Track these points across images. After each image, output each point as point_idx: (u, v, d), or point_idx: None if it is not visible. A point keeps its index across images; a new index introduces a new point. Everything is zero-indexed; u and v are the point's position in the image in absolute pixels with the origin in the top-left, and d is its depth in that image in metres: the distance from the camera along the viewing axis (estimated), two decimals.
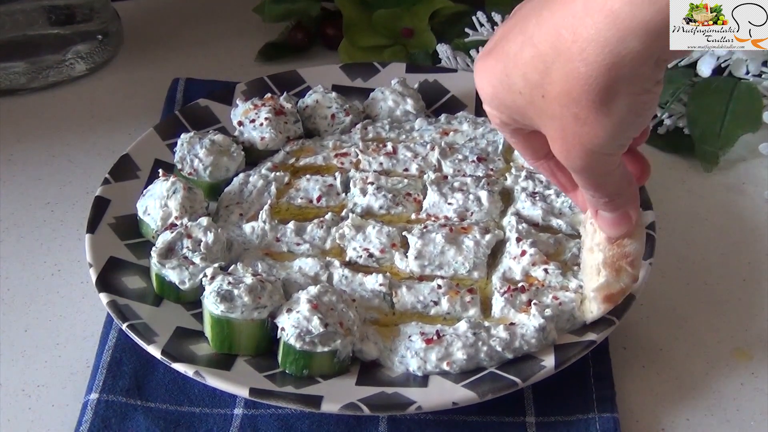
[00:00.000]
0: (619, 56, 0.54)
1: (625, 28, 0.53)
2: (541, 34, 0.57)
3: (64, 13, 1.14)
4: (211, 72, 1.13)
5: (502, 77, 0.61)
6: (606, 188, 0.65)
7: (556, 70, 0.57)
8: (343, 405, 0.70)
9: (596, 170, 0.62)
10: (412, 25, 1.14)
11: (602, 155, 0.60)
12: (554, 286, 0.78)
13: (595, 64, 0.55)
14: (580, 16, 0.54)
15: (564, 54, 0.56)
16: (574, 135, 0.59)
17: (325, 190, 0.88)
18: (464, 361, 0.73)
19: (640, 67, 0.55)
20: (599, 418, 0.74)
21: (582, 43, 0.55)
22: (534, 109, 0.60)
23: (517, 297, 0.77)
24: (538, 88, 0.59)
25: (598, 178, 0.64)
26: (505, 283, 0.78)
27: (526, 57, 0.58)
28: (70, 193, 0.97)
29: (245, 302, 0.74)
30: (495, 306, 0.77)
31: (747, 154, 1.02)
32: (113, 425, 0.74)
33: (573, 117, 0.58)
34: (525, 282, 0.78)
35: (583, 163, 0.61)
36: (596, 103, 0.56)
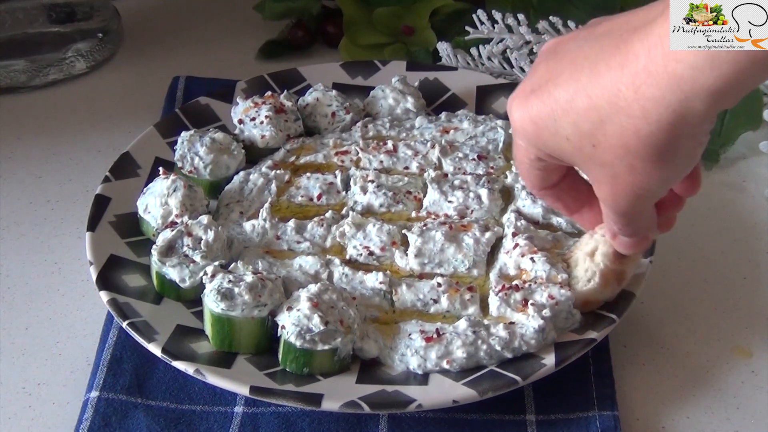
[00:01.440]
0: (682, 116, 0.54)
1: (688, 90, 0.53)
2: (596, 88, 0.57)
3: (65, 11, 1.14)
4: (211, 70, 1.13)
5: (549, 122, 0.60)
6: (634, 226, 0.67)
7: (613, 124, 0.57)
8: (344, 403, 0.70)
9: (633, 212, 0.63)
10: (413, 23, 1.14)
11: (647, 200, 0.62)
12: (541, 276, 0.77)
13: (658, 123, 0.55)
14: (642, 76, 0.54)
15: (624, 110, 0.56)
16: (626, 183, 0.60)
17: (326, 188, 0.88)
18: (464, 359, 0.73)
19: (701, 126, 0.55)
20: (599, 416, 0.74)
21: (644, 101, 0.55)
22: (580, 156, 0.61)
23: (512, 296, 0.76)
24: (590, 138, 0.59)
25: (631, 218, 0.65)
26: (500, 281, 0.78)
27: (579, 106, 0.58)
28: (71, 191, 0.97)
29: (245, 300, 0.74)
30: (492, 305, 0.77)
31: (747, 152, 1.02)
32: (114, 423, 0.74)
33: (628, 167, 0.58)
34: (518, 278, 0.78)
35: (628, 207, 0.62)
36: (654, 157, 0.57)
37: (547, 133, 0.61)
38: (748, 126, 1.00)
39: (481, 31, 1.06)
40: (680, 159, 0.58)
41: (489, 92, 1.01)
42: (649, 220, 0.67)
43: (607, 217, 0.67)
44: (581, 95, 0.58)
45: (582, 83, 0.58)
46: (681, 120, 0.54)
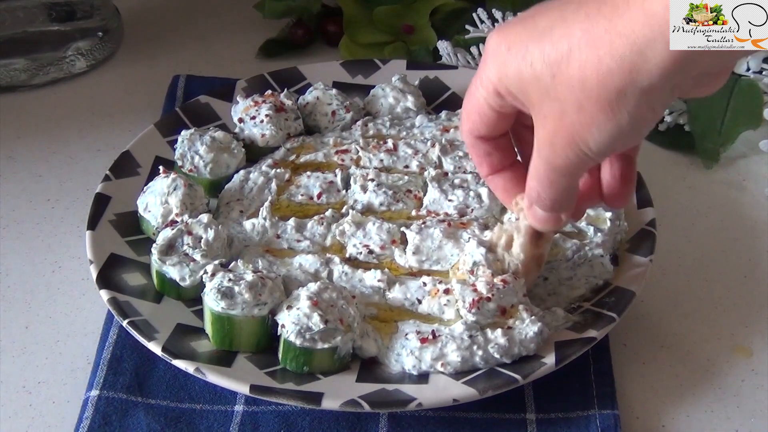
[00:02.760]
0: (645, 60, 0.54)
1: (657, 30, 0.53)
2: (575, 18, 0.57)
3: (65, 9, 1.14)
4: (211, 69, 1.13)
5: (521, 46, 0.60)
6: (558, 191, 0.66)
7: (579, 55, 0.57)
8: (344, 402, 0.70)
9: (565, 169, 0.63)
10: (413, 21, 1.14)
11: (581, 156, 0.61)
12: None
13: (620, 61, 0.55)
14: (622, 7, 0.55)
15: (593, 41, 0.56)
16: (570, 124, 0.59)
17: (326, 186, 0.88)
18: (458, 363, 0.72)
19: (658, 82, 0.55)
20: (599, 415, 0.74)
21: (615, 35, 0.55)
22: (537, 87, 0.60)
23: (485, 306, 0.74)
24: (552, 67, 0.59)
25: (559, 178, 0.64)
26: (469, 294, 0.75)
27: (554, 35, 0.58)
28: (71, 190, 0.97)
29: (246, 299, 0.74)
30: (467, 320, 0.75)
31: (747, 151, 1.02)
32: (114, 422, 0.74)
33: (577, 105, 0.58)
34: (486, 288, 0.75)
35: (561, 155, 0.62)
36: (605, 100, 0.57)
37: (515, 58, 0.61)
38: (748, 125, 1.00)
39: (481, 29, 1.06)
40: (625, 114, 0.57)
41: None
42: (570, 195, 0.67)
43: (535, 173, 0.66)
44: (560, 25, 0.58)
45: (564, 14, 0.58)
46: (643, 64, 0.54)
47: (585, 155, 0.61)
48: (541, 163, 0.64)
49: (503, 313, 0.74)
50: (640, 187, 0.88)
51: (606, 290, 0.79)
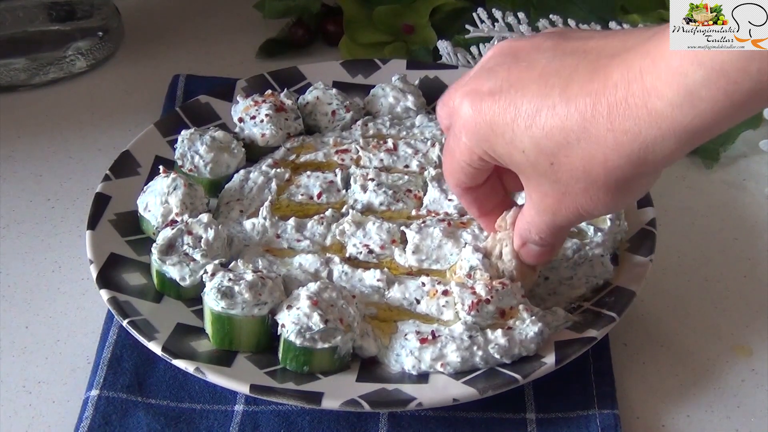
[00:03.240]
0: (653, 154, 0.55)
1: (665, 128, 0.53)
2: (568, 109, 0.57)
3: (65, 9, 1.14)
4: (211, 68, 1.13)
5: (506, 130, 0.60)
6: (559, 238, 0.69)
7: (580, 149, 0.57)
8: (344, 401, 0.70)
9: (567, 226, 0.66)
10: (413, 21, 1.14)
11: (584, 218, 0.63)
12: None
13: (628, 158, 0.55)
14: (620, 108, 0.54)
15: (594, 138, 0.56)
16: (574, 201, 0.61)
17: (326, 186, 0.88)
18: (458, 363, 0.72)
19: (663, 166, 0.57)
20: (599, 415, 0.74)
21: (619, 134, 0.55)
22: (534, 170, 0.60)
23: (484, 309, 0.74)
24: (549, 156, 0.59)
25: (561, 231, 0.67)
26: (468, 296, 0.75)
27: (545, 124, 0.58)
28: (71, 190, 0.97)
29: (246, 299, 0.74)
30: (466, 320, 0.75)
31: (748, 151, 1.02)
32: (114, 422, 0.74)
33: (582, 190, 0.59)
34: (485, 290, 0.75)
35: (565, 222, 0.64)
36: (613, 188, 0.58)
37: (501, 141, 0.61)
38: (749, 124, 0.99)
39: (481, 29, 1.06)
40: (636, 191, 0.59)
41: None
42: (565, 235, 0.70)
43: (535, 226, 0.67)
44: (549, 113, 0.57)
45: (551, 101, 0.57)
46: (651, 156, 0.55)
47: (587, 219, 0.64)
48: (541, 220, 0.66)
49: (502, 315, 0.74)
50: None
51: (606, 290, 0.79)
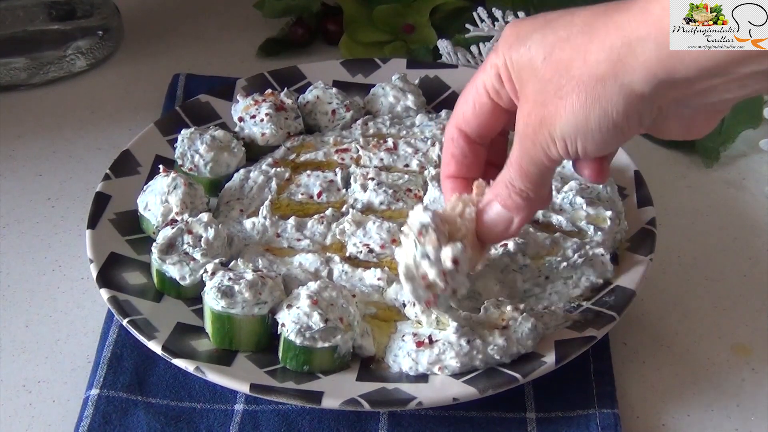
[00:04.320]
0: (633, 55, 0.55)
1: (653, 26, 0.54)
2: (581, 12, 0.59)
3: (65, 8, 1.14)
4: (211, 68, 1.13)
5: (527, 33, 0.61)
6: (531, 181, 0.65)
7: (573, 41, 0.58)
8: (344, 401, 0.70)
9: (535, 158, 0.63)
10: (413, 20, 1.14)
11: (547, 145, 0.61)
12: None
13: (608, 50, 0.56)
14: (623, 7, 0.56)
15: (589, 31, 0.57)
16: (543, 105, 0.60)
17: (326, 185, 0.88)
18: (457, 368, 0.72)
19: (639, 85, 0.56)
20: (600, 414, 0.74)
21: (610, 27, 0.56)
22: (529, 68, 0.61)
23: (440, 299, 0.72)
24: (546, 49, 0.60)
25: (529, 166, 0.64)
26: (423, 294, 0.72)
27: (557, 24, 0.60)
28: (71, 189, 0.97)
29: (246, 298, 0.74)
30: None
31: (748, 150, 1.02)
32: (114, 421, 0.74)
33: (556, 87, 0.59)
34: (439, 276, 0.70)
35: (532, 140, 0.62)
36: (583, 86, 0.58)
37: (520, 45, 0.62)
38: (749, 124, 0.99)
39: (481, 28, 1.06)
40: (598, 111, 0.58)
41: None
42: (540, 187, 0.66)
43: (510, 160, 0.65)
44: (566, 15, 0.60)
45: (573, 10, 0.60)
46: (628, 61, 0.55)
47: (549, 144, 0.61)
48: (516, 148, 0.64)
49: (453, 294, 0.70)
50: (640, 186, 0.88)
51: (606, 289, 0.79)
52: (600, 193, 0.86)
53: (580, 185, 0.85)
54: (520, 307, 0.75)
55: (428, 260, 0.68)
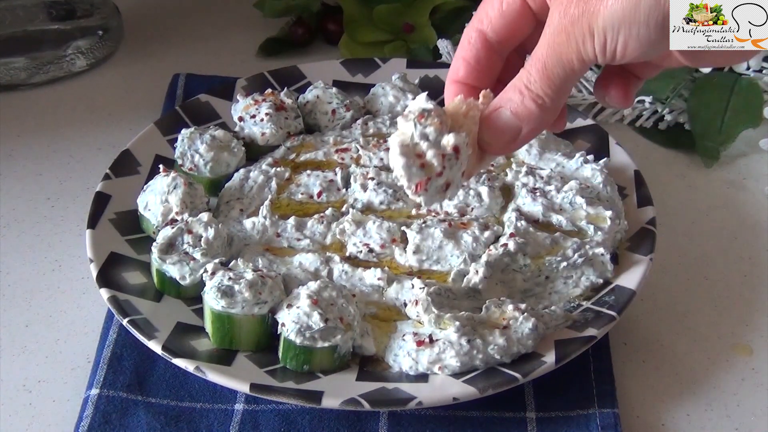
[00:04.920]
0: None
1: None
2: None
3: (65, 8, 1.14)
4: (211, 67, 1.13)
5: None
6: (553, 86, 0.59)
7: None
8: (344, 400, 0.70)
9: (578, 59, 0.57)
10: (413, 20, 1.14)
11: (611, 39, 0.56)
12: None
13: None
14: None
15: None
16: (585, 18, 0.56)
17: (326, 185, 0.88)
18: (457, 368, 0.72)
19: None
20: (599, 414, 0.74)
21: None
22: None
23: (434, 184, 0.68)
24: None
25: (565, 70, 0.58)
26: (416, 173, 0.65)
27: None
28: (71, 189, 0.97)
29: (246, 298, 0.74)
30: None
31: (747, 150, 1.02)
32: (114, 420, 0.74)
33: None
34: (437, 158, 0.63)
35: (568, 64, 0.58)
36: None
37: None
38: (749, 124, 1.00)
39: None
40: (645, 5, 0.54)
41: None
42: (560, 94, 0.60)
43: (539, 64, 0.59)
44: None
45: None
46: None
47: (586, 39, 0.56)
48: (543, 45, 0.58)
49: (446, 188, 0.61)
50: (640, 185, 0.88)
51: (606, 289, 0.79)
52: (600, 193, 0.86)
53: (580, 185, 0.85)
54: (521, 306, 0.75)
55: (428, 141, 0.60)
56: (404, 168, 0.60)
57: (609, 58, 0.56)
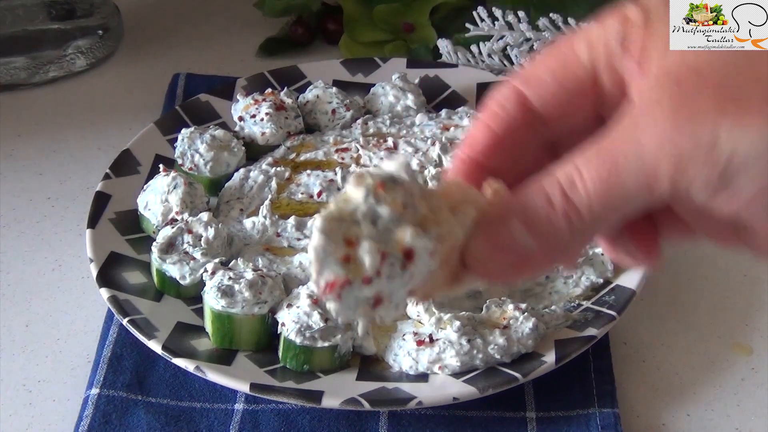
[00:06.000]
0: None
1: None
2: None
3: (65, 8, 1.14)
4: (211, 67, 1.13)
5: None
6: (609, 205, 0.40)
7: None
8: (344, 400, 0.70)
9: (648, 190, 0.39)
10: (413, 20, 1.14)
11: (734, 177, 0.38)
12: None
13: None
14: None
15: None
16: (648, 133, 0.39)
17: (326, 185, 0.88)
18: (457, 367, 0.72)
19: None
20: (600, 413, 0.74)
21: None
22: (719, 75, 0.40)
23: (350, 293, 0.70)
24: None
25: (626, 199, 0.40)
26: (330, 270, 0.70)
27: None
28: (71, 188, 0.97)
29: (246, 297, 0.74)
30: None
31: None
32: (114, 420, 0.74)
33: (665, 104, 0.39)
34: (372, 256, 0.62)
35: (622, 184, 0.39)
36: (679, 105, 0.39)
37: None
38: None
39: (481, 28, 1.06)
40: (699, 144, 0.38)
41: (489, 89, 1.01)
42: (600, 226, 0.41)
43: (598, 166, 0.40)
44: None
45: None
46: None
47: (710, 155, 0.38)
48: (608, 151, 0.40)
49: (375, 305, 0.42)
50: None
51: (606, 289, 0.79)
52: None
53: None
54: (522, 306, 0.75)
55: (371, 227, 0.41)
56: (318, 251, 0.41)
57: (706, 196, 0.39)
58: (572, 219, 0.40)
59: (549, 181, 0.41)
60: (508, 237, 0.42)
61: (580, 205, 0.40)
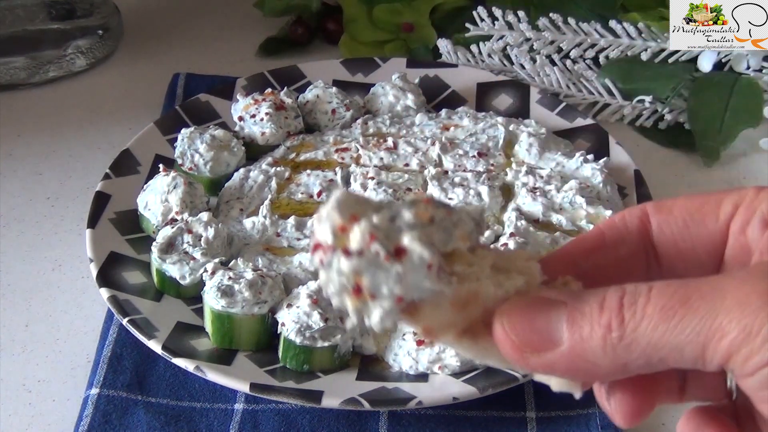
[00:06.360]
0: None
1: None
2: None
3: (65, 8, 1.14)
4: (211, 67, 1.13)
5: None
6: (655, 336, 0.38)
7: None
8: (344, 400, 0.70)
9: (701, 357, 0.38)
10: (413, 20, 1.14)
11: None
12: None
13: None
14: None
15: None
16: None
17: (326, 185, 0.88)
18: (457, 367, 0.72)
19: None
20: (599, 413, 0.74)
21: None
22: None
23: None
24: None
25: (684, 353, 0.38)
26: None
27: None
28: (71, 188, 0.97)
29: (246, 297, 0.74)
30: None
31: (748, 149, 1.01)
32: (114, 420, 0.74)
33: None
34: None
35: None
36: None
37: None
38: (749, 123, 0.99)
39: (481, 28, 1.06)
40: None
41: (489, 89, 1.01)
42: (637, 360, 0.39)
43: (663, 313, 0.38)
44: None
45: None
46: None
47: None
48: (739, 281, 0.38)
49: (358, 292, 0.40)
50: (640, 185, 0.88)
51: None
52: (600, 193, 0.86)
53: (580, 185, 0.85)
54: None
55: (386, 217, 0.40)
56: (323, 213, 0.40)
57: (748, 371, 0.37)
58: (612, 331, 0.38)
59: (615, 289, 0.39)
60: (546, 318, 0.40)
61: (628, 320, 0.38)
